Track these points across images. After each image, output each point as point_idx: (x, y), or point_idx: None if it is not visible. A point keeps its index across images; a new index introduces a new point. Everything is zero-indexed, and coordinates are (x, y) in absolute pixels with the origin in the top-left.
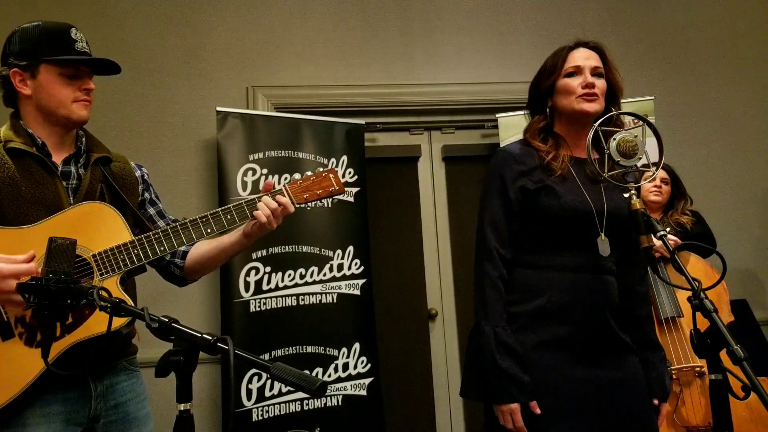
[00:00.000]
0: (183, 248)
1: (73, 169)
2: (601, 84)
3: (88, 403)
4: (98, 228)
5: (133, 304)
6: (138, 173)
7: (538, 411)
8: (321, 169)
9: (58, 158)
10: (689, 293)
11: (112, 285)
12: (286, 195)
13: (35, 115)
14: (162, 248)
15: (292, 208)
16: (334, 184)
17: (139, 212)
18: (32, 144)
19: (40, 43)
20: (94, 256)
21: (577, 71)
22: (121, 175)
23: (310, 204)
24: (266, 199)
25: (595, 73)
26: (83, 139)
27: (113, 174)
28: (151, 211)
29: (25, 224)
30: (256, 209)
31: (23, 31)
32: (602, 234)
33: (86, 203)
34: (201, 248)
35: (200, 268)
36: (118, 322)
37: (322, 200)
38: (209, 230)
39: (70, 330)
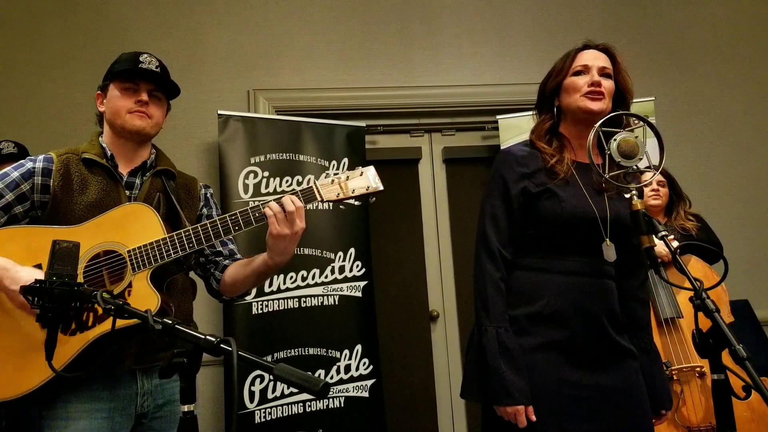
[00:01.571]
0: (227, 262)
1: (137, 180)
2: (608, 84)
3: (134, 401)
4: (136, 227)
5: (159, 299)
6: (203, 192)
7: (534, 417)
8: (360, 168)
9: (124, 170)
10: (689, 294)
11: (143, 279)
12: (316, 191)
13: (109, 130)
14: (191, 245)
15: (302, 211)
16: (371, 181)
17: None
18: (103, 156)
19: (113, 67)
20: (128, 251)
21: (585, 70)
22: (184, 189)
23: (342, 203)
24: (285, 198)
25: (602, 73)
26: (153, 156)
27: (174, 187)
28: None
29: None
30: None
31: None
32: (607, 239)
33: (128, 204)
34: (237, 264)
35: (234, 283)
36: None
37: (358, 200)
38: (237, 227)
39: (101, 321)
